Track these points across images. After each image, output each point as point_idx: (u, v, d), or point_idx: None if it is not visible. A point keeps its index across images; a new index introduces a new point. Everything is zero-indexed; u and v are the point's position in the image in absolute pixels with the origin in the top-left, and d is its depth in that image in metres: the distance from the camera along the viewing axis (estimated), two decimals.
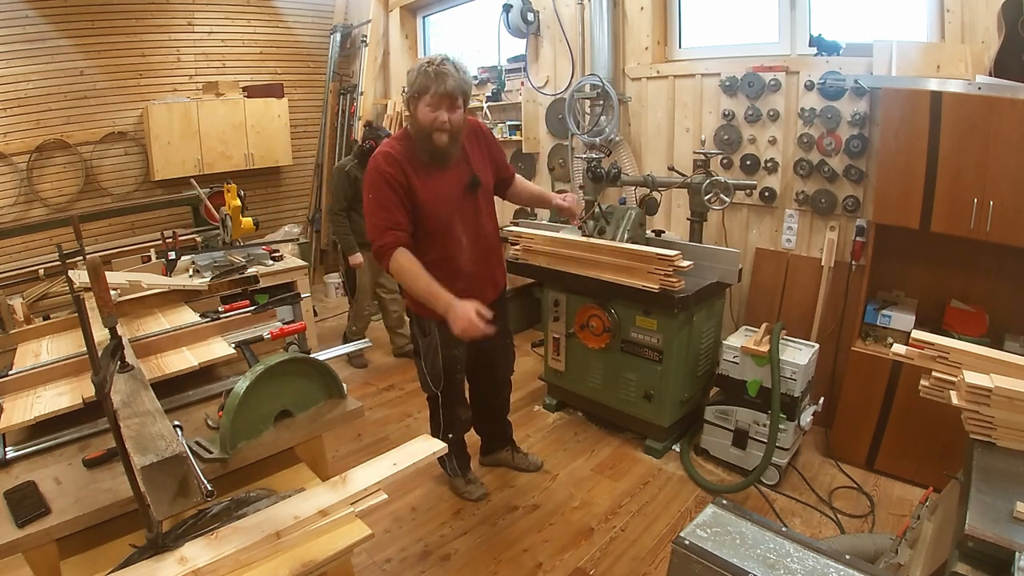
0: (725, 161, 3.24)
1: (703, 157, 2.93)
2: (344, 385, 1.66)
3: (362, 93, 5.42)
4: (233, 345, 1.84)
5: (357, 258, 3.65)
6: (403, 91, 2.06)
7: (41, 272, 3.97)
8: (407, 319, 2.47)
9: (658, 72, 3.49)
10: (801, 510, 2.43)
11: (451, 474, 2.59)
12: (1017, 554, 1.07)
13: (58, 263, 2.38)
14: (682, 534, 1.23)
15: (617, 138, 3.53)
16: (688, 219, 3.04)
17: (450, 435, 2.41)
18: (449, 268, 2.07)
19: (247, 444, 1.43)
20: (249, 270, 2.96)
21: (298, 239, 4.87)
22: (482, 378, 2.52)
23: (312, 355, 1.67)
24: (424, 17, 5.41)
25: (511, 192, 2.41)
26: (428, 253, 2.02)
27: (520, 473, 2.74)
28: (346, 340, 3.99)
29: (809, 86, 2.86)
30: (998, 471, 1.32)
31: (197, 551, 1.10)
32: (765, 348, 2.48)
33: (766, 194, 3.13)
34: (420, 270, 1.94)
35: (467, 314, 1.83)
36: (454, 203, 2.08)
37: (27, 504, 1.21)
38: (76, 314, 1.82)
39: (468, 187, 2.12)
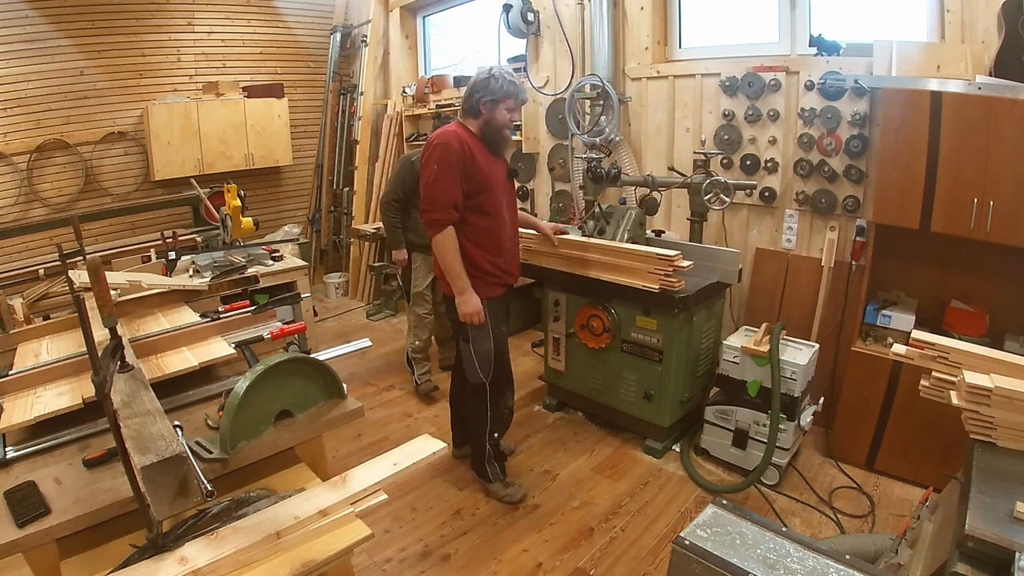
0: (725, 161, 3.24)
1: (703, 157, 2.93)
2: (344, 385, 1.66)
3: (362, 93, 5.43)
4: (233, 345, 1.84)
5: (402, 254, 3.43)
6: (471, 93, 2.25)
7: (41, 272, 3.97)
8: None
9: (658, 72, 3.49)
10: (801, 510, 2.43)
11: (491, 479, 2.55)
12: (1017, 554, 1.07)
13: (58, 263, 2.38)
14: (682, 534, 1.23)
15: (617, 138, 3.53)
16: (688, 219, 3.04)
17: (495, 434, 2.50)
18: (496, 242, 2.35)
19: (247, 444, 1.43)
20: (249, 270, 2.96)
21: (298, 239, 4.86)
22: None
23: (312, 355, 1.67)
24: (424, 17, 5.41)
25: None
26: (483, 227, 2.28)
27: (521, 473, 2.74)
28: (409, 361, 3.62)
29: (809, 86, 2.86)
30: (998, 471, 1.32)
31: (197, 551, 1.10)
32: (765, 348, 2.48)
33: (766, 194, 3.13)
34: (459, 252, 2.23)
35: (478, 303, 2.26)
36: (502, 186, 2.36)
37: (27, 504, 1.21)
38: (76, 314, 1.82)
39: (508, 176, 2.43)
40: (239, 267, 2.93)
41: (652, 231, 3.16)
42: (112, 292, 1.83)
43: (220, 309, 2.11)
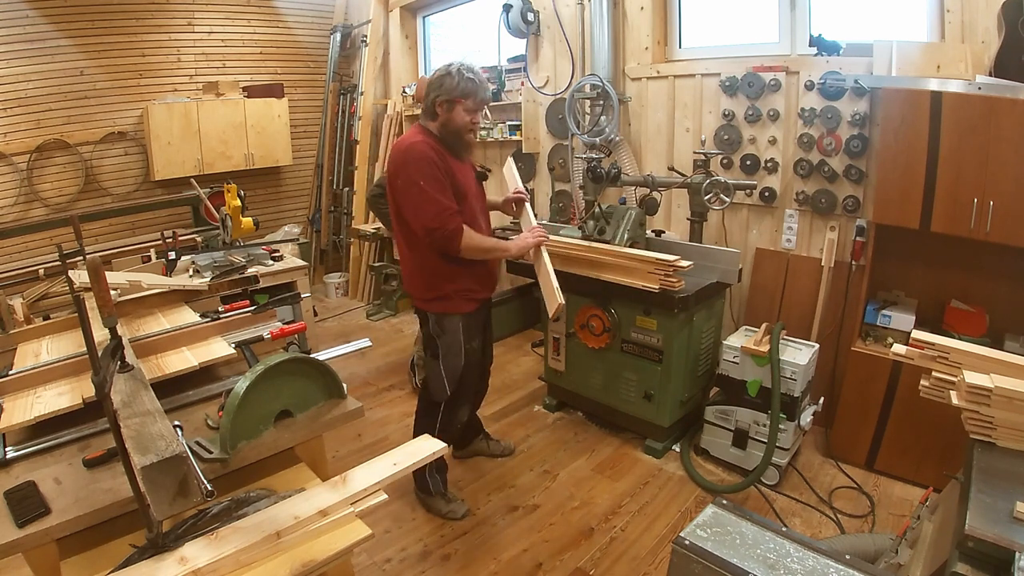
0: (725, 161, 3.24)
1: (703, 157, 2.93)
2: (344, 385, 1.66)
3: (362, 93, 5.43)
4: (233, 345, 1.84)
5: None
6: (428, 93, 2.09)
7: (41, 272, 3.97)
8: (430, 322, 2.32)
9: (658, 72, 3.49)
10: (801, 510, 2.43)
11: (432, 492, 2.44)
12: (1017, 554, 1.07)
13: (58, 263, 2.38)
14: (682, 534, 1.23)
15: (617, 138, 3.53)
16: (688, 219, 3.04)
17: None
18: None
19: (247, 444, 1.43)
20: (249, 270, 2.95)
21: (298, 239, 4.86)
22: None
23: (312, 355, 1.67)
24: (424, 17, 5.40)
25: None
26: None
27: (520, 473, 2.74)
28: (413, 368, 3.58)
29: (809, 86, 2.86)
30: (998, 471, 1.32)
31: (197, 551, 1.10)
32: (765, 348, 2.48)
33: (766, 194, 3.13)
34: (483, 236, 2.15)
35: (523, 238, 2.22)
36: (474, 192, 2.21)
37: (27, 504, 1.21)
38: (76, 314, 1.82)
39: (478, 179, 2.29)
40: (239, 267, 2.93)
41: (652, 231, 3.16)
42: (112, 292, 1.83)
43: (220, 309, 2.11)
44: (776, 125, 3.04)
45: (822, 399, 2.65)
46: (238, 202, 3.14)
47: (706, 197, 2.87)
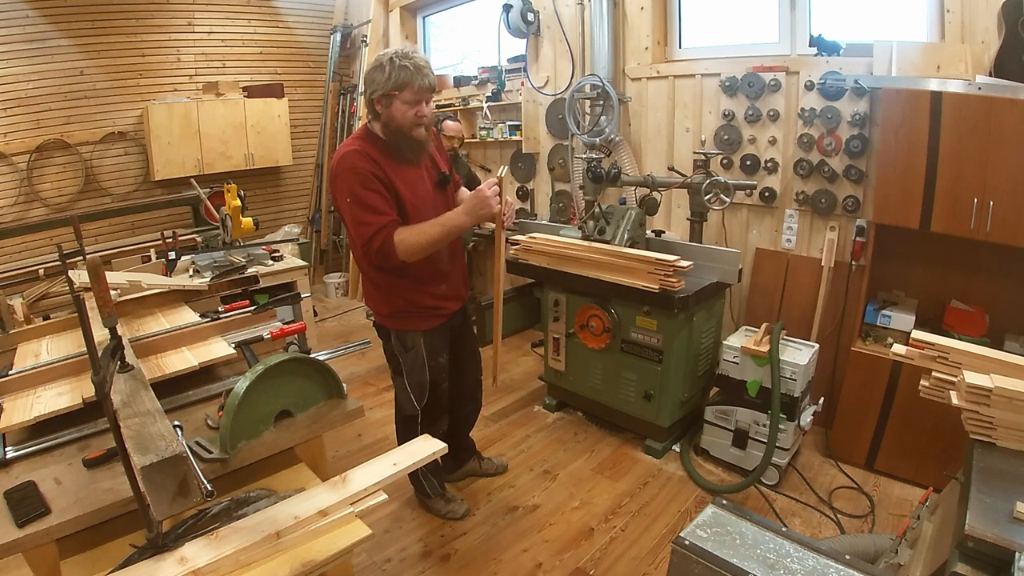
0: (725, 161, 3.24)
1: (703, 157, 2.92)
2: (344, 385, 1.66)
3: (362, 93, 5.42)
4: (233, 345, 1.84)
5: None
6: (365, 91, 1.91)
7: (41, 272, 3.97)
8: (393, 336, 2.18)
9: (658, 72, 3.49)
10: (801, 510, 2.43)
11: (429, 494, 2.43)
12: (1017, 554, 1.07)
13: (58, 263, 2.38)
14: (682, 534, 1.23)
15: (617, 138, 3.53)
16: (688, 219, 3.04)
17: None
18: (434, 269, 2.04)
19: (247, 444, 1.44)
20: (249, 270, 2.95)
21: (298, 239, 4.86)
22: (458, 384, 2.39)
23: (312, 355, 1.67)
24: (424, 17, 5.40)
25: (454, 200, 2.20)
26: None
27: (521, 473, 2.74)
28: None
29: (809, 86, 2.86)
30: (998, 471, 1.32)
31: (197, 551, 1.10)
32: (765, 348, 2.48)
33: (766, 194, 3.13)
34: (420, 227, 1.85)
35: (475, 196, 1.85)
36: (429, 201, 1.97)
37: (27, 504, 1.21)
38: (76, 314, 1.82)
39: (437, 184, 2.05)
40: (239, 267, 2.93)
41: (652, 231, 3.16)
42: (112, 292, 1.83)
43: (220, 309, 2.11)
44: (776, 125, 3.04)
45: (822, 399, 2.65)
46: (238, 202, 3.14)
47: (706, 197, 2.87)
